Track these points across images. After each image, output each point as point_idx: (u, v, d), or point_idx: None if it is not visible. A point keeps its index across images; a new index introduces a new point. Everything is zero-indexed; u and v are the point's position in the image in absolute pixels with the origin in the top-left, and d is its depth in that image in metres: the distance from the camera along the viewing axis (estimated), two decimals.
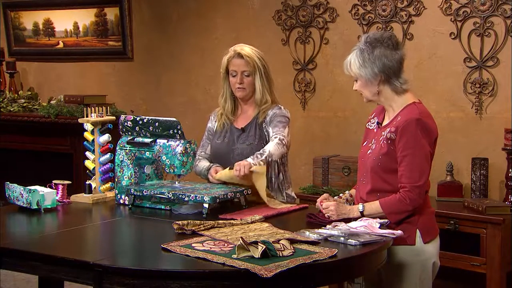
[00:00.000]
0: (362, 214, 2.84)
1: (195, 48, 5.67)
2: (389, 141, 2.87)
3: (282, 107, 3.52)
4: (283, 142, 3.38)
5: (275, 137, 3.39)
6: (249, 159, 3.25)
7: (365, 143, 3.04)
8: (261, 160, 3.25)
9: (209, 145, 3.60)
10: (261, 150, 3.34)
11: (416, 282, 2.88)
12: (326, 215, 2.87)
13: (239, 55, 3.46)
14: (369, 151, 2.96)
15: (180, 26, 5.74)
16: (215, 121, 3.61)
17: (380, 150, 2.89)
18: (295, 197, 3.63)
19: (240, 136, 3.49)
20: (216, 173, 3.37)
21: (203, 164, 3.51)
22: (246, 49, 3.48)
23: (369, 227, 2.64)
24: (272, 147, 3.34)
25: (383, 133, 2.92)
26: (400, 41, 2.99)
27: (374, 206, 2.85)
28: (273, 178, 3.45)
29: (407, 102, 2.91)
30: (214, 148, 3.57)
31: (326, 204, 2.90)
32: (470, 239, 3.98)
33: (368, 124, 3.08)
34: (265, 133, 3.46)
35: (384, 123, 2.97)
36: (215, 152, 3.56)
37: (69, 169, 5.71)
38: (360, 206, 2.87)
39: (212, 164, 3.48)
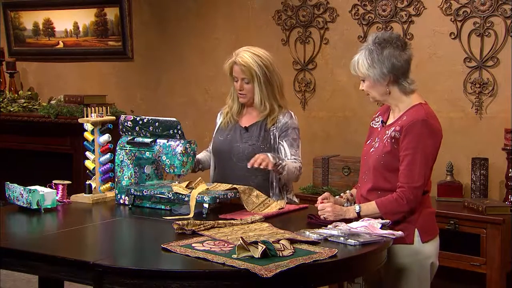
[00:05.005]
0: (359, 215, 2.84)
1: (195, 48, 5.66)
2: (393, 140, 2.87)
3: (292, 113, 3.48)
4: (300, 171, 3.40)
5: (295, 162, 3.37)
6: (270, 157, 3.20)
7: (368, 141, 3.04)
8: (276, 163, 3.21)
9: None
10: (284, 157, 3.35)
11: (415, 281, 2.88)
12: (322, 216, 2.84)
13: (237, 63, 3.41)
14: (372, 149, 2.96)
15: (180, 26, 5.73)
16: (221, 118, 3.61)
17: (383, 149, 2.89)
18: (297, 201, 3.58)
19: (243, 135, 3.48)
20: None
21: (202, 154, 3.62)
22: (245, 56, 3.38)
23: (369, 227, 2.64)
24: (291, 167, 3.32)
25: (387, 132, 2.91)
26: (407, 41, 3.00)
27: (371, 206, 2.85)
28: (274, 182, 3.43)
29: (414, 103, 2.91)
30: (215, 144, 3.56)
31: (322, 206, 2.88)
32: (470, 239, 3.98)
33: (373, 123, 3.08)
34: (271, 136, 3.43)
35: (389, 122, 2.97)
36: (216, 149, 3.55)
37: (69, 169, 5.71)
38: (356, 207, 2.86)
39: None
